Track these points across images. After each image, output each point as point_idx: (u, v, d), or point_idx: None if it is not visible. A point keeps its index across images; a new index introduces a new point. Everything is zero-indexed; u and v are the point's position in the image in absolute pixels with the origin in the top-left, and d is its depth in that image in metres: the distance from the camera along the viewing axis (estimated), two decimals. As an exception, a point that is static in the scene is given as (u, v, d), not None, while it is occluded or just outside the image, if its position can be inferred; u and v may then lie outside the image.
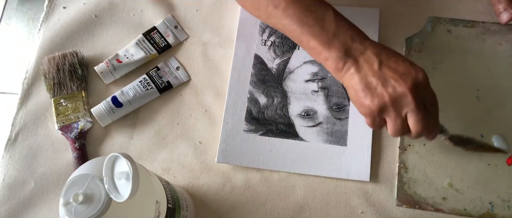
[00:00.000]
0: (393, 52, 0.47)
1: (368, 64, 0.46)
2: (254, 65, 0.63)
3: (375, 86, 0.45)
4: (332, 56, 0.47)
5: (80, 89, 0.62)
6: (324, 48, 0.47)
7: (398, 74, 0.45)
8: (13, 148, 0.61)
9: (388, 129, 0.48)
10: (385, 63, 0.45)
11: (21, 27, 1.53)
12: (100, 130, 0.62)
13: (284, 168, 0.58)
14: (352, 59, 0.46)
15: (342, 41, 0.47)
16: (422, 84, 0.45)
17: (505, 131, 0.58)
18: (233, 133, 0.60)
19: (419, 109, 0.45)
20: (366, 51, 0.46)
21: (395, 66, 0.45)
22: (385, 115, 0.46)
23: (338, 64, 0.47)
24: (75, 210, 0.35)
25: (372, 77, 0.45)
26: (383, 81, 0.45)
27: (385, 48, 0.47)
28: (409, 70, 0.45)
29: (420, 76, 0.45)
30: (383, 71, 0.45)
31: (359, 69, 0.46)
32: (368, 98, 0.46)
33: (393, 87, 0.45)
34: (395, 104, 0.45)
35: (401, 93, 0.44)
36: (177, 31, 0.66)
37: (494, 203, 0.55)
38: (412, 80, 0.44)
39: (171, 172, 0.59)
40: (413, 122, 0.46)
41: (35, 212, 0.57)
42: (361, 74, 0.46)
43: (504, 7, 0.60)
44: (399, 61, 0.46)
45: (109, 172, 0.37)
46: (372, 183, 0.57)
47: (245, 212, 0.57)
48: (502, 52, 0.62)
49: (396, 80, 0.44)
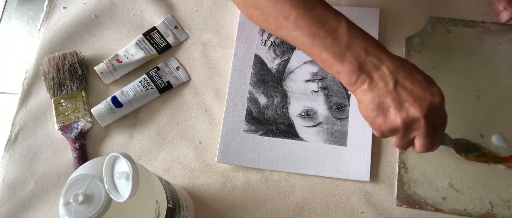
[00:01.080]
0: (411, 69, 0.44)
1: (382, 82, 0.43)
2: (254, 65, 0.63)
3: (388, 107, 0.43)
4: (345, 69, 0.44)
5: (80, 89, 0.62)
6: (337, 61, 0.45)
7: (413, 97, 0.43)
8: (13, 148, 0.61)
9: (392, 142, 0.47)
10: (401, 83, 0.43)
11: (21, 27, 1.54)
12: (100, 130, 0.62)
13: (284, 168, 0.58)
14: (366, 75, 0.44)
15: (356, 55, 0.44)
16: (436, 108, 0.43)
17: (505, 131, 0.58)
18: (233, 133, 0.60)
19: (428, 134, 0.44)
20: (381, 66, 0.44)
21: (411, 87, 0.43)
22: (394, 134, 0.45)
23: (351, 79, 0.45)
24: (75, 210, 0.35)
25: (386, 98, 0.43)
26: (397, 104, 0.43)
27: (403, 64, 0.44)
28: (425, 94, 0.43)
29: (436, 101, 0.43)
30: (398, 92, 0.43)
31: (373, 86, 0.44)
32: (380, 118, 0.44)
33: (406, 112, 0.43)
34: (406, 128, 0.44)
35: (414, 118, 0.43)
36: (177, 31, 0.66)
37: (494, 203, 0.55)
38: (428, 105, 0.42)
39: (171, 172, 0.59)
40: (420, 144, 0.45)
41: (35, 212, 0.57)
42: (374, 93, 0.44)
43: (504, 6, 0.60)
44: (416, 81, 0.43)
45: (109, 172, 0.37)
46: (372, 183, 0.57)
47: (245, 212, 0.57)
48: (502, 52, 0.62)
49: (410, 104, 0.42)
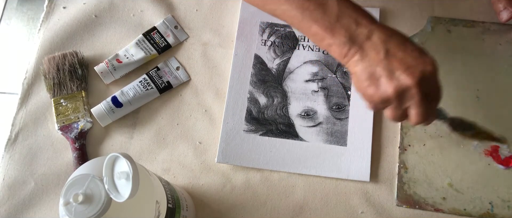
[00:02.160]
0: (402, 39, 0.44)
1: (374, 51, 0.43)
2: (254, 65, 0.63)
3: (379, 76, 0.43)
4: (336, 42, 0.44)
5: (80, 89, 0.62)
6: (327, 34, 0.44)
7: (405, 66, 0.42)
8: (13, 148, 0.61)
9: (386, 113, 0.46)
10: (392, 52, 0.42)
11: (21, 27, 1.53)
12: (100, 130, 0.62)
13: (284, 168, 0.58)
14: (357, 46, 0.43)
15: (346, 26, 0.44)
16: (429, 77, 0.42)
17: (505, 131, 0.58)
18: (233, 133, 0.60)
19: (422, 103, 0.43)
20: (372, 36, 0.43)
21: (403, 56, 0.42)
22: (386, 105, 0.45)
23: (342, 50, 0.44)
24: (75, 210, 0.35)
25: (377, 67, 0.43)
26: (389, 72, 0.42)
27: (394, 34, 0.44)
28: (417, 61, 0.42)
29: (428, 69, 0.42)
30: (389, 61, 0.42)
31: (364, 56, 0.43)
32: (372, 88, 0.43)
33: (398, 80, 0.42)
34: (399, 97, 0.43)
35: (406, 87, 0.42)
36: (177, 31, 0.66)
37: (494, 203, 0.55)
38: (420, 73, 0.42)
39: (171, 172, 0.59)
40: (414, 114, 0.44)
41: (35, 212, 0.57)
42: (366, 62, 0.43)
43: (504, 5, 0.60)
44: (408, 50, 0.43)
45: (109, 172, 0.37)
46: (372, 183, 0.57)
47: (245, 212, 0.57)
48: (502, 52, 0.62)
49: (402, 72, 0.42)
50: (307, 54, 0.63)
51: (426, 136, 0.58)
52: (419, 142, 0.58)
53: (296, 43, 0.64)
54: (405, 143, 0.58)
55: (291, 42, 0.64)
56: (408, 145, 0.58)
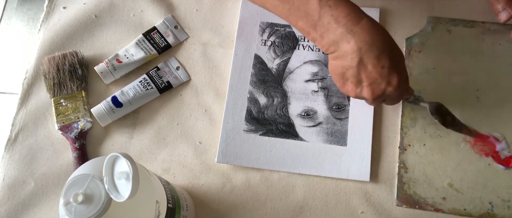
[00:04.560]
0: (380, 52, 0.45)
1: (349, 56, 0.45)
2: (254, 65, 0.63)
3: (347, 79, 0.47)
4: (318, 38, 0.47)
5: (80, 89, 0.62)
6: (312, 30, 0.47)
7: (370, 80, 0.46)
8: (13, 148, 0.61)
9: None
10: (365, 63, 0.45)
11: (21, 27, 1.53)
12: (100, 130, 0.62)
13: (284, 168, 0.58)
14: (335, 46, 0.46)
15: (326, 26, 0.46)
16: (389, 95, 0.48)
17: (505, 131, 0.58)
18: (233, 133, 0.60)
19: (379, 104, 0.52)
20: (352, 40, 0.45)
21: (372, 70, 0.45)
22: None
23: (323, 46, 0.47)
24: (75, 210, 0.35)
25: (348, 71, 0.46)
26: (356, 80, 0.47)
27: (374, 43, 0.44)
28: (382, 81, 0.46)
29: (389, 90, 0.46)
30: (359, 70, 0.46)
31: (340, 56, 0.46)
32: (338, 84, 0.49)
33: (360, 89, 0.47)
34: (358, 97, 0.49)
35: (365, 97, 0.48)
36: (177, 31, 0.66)
37: (494, 203, 0.55)
38: (380, 91, 0.47)
39: (171, 172, 0.59)
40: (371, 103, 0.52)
41: (35, 212, 0.57)
42: (339, 63, 0.47)
43: (503, 6, 0.60)
44: (378, 66, 0.45)
45: (109, 172, 0.37)
46: (372, 183, 0.57)
47: (245, 212, 0.57)
48: (502, 52, 0.62)
49: (366, 86, 0.47)
50: (307, 54, 0.63)
51: (426, 136, 0.58)
52: (419, 142, 0.58)
53: (296, 43, 0.64)
54: (405, 143, 0.58)
55: (291, 42, 0.64)
56: (408, 145, 0.58)
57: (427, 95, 0.60)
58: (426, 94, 0.60)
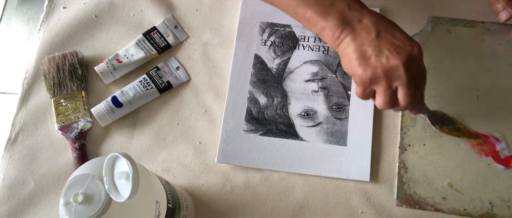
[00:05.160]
0: (391, 24, 0.46)
1: (365, 32, 0.45)
2: (254, 65, 0.63)
3: (370, 56, 0.45)
4: (329, 25, 0.46)
5: (80, 89, 0.62)
6: (321, 18, 0.46)
7: (393, 46, 0.44)
8: (13, 148, 0.61)
9: (376, 100, 0.48)
10: (382, 33, 0.45)
11: (21, 27, 1.53)
12: (100, 130, 0.62)
13: (284, 168, 0.58)
14: (349, 27, 0.46)
15: (339, 10, 0.46)
16: (415, 59, 0.45)
17: (505, 131, 0.58)
18: (233, 133, 0.60)
19: (409, 83, 0.45)
20: (364, 19, 0.46)
21: (392, 38, 0.45)
22: (375, 86, 0.46)
23: (334, 33, 0.46)
24: (75, 210, 0.35)
25: (368, 47, 0.45)
26: (378, 51, 0.44)
27: (384, 18, 0.47)
28: (405, 43, 0.45)
29: (415, 51, 0.45)
30: (379, 42, 0.45)
31: (356, 37, 0.45)
32: (361, 68, 0.45)
33: (387, 59, 0.44)
34: (387, 76, 0.45)
35: (394, 65, 0.44)
36: (177, 31, 0.66)
37: (494, 203, 0.55)
38: (407, 53, 0.44)
39: (171, 172, 0.59)
40: (403, 95, 0.46)
41: (35, 212, 0.57)
42: (357, 43, 0.45)
43: (503, 6, 0.60)
44: (396, 33, 0.45)
45: (109, 172, 0.37)
46: (372, 183, 0.57)
47: (245, 212, 0.57)
48: (502, 52, 0.62)
49: (390, 52, 0.44)
50: (307, 54, 0.63)
51: (426, 136, 0.58)
52: (419, 142, 0.58)
53: (296, 43, 0.64)
54: (405, 143, 0.58)
55: (291, 42, 0.64)
56: (408, 145, 0.58)
57: (427, 95, 0.60)
58: (426, 94, 0.60)
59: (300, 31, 0.64)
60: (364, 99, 0.49)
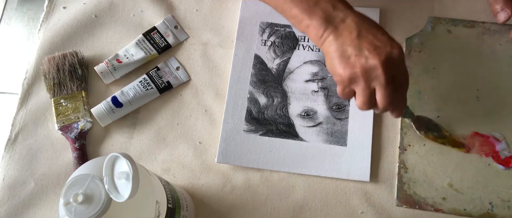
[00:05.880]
0: (374, 25, 0.47)
1: (347, 32, 0.46)
2: (254, 65, 0.63)
3: (350, 55, 0.45)
4: (313, 23, 0.47)
5: (80, 89, 0.62)
6: (306, 16, 0.47)
7: (373, 46, 0.45)
8: (13, 148, 0.61)
9: (356, 100, 0.48)
10: (364, 33, 0.45)
11: (21, 27, 1.53)
12: (100, 130, 0.62)
13: (284, 168, 0.58)
14: (332, 27, 0.46)
15: (324, 9, 0.47)
16: (395, 60, 0.45)
17: (505, 131, 0.58)
18: (233, 133, 0.60)
19: (387, 84, 0.45)
20: (347, 19, 0.46)
21: (373, 38, 0.45)
22: (354, 86, 0.47)
23: (318, 31, 0.47)
24: (75, 210, 0.35)
25: (348, 46, 0.45)
26: (358, 51, 0.45)
27: (367, 19, 0.47)
28: (385, 43, 0.45)
29: (395, 52, 0.45)
30: (360, 41, 0.45)
31: (338, 36, 0.46)
32: (341, 67, 0.46)
33: (366, 58, 0.44)
34: (365, 76, 0.45)
35: (373, 65, 0.44)
36: (177, 31, 0.66)
37: (494, 203, 0.55)
38: (386, 54, 0.44)
39: (171, 172, 0.59)
40: (380, 96, 0.46)
41: (35, 212, 0.57)
42: (339, 42, 0.46)
43: (501, 6, 0.60)
44: (378, 34, 0.46)
45: (109, 172, 0.37)
46: (372, 183, 0.57)
47: (245, 212, 0.57)
48: (502, 52, 0.62)
49: (370, 52, 0.44)
50: (307, 54, 0.63)
51: (426, 136, 0.58)
52: (419, 142, 0.58)
53: (296, 43, 0.64)
54: (405, 143, 0.58)
55: (291, 42, 0.64)
56: (408, 145, 0.58)
57: (427, 95, 0.60)
58: (426, 94, 0.60)
59: (300, 32, 0.64)
60: (344, 98, 0.50)
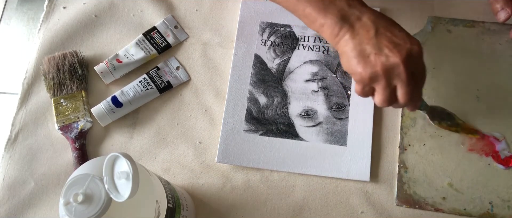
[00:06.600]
0: (391, 22, 0.46)
1: (364, 30, 0.45)
2: (254, 65, 0.63)
3: (369, 54, 0.44)
4: (328, 22, 0.46)
5: (80, 89, 0.62)
6: (320, 15, 0.46)
7: (393, 44, 0.44)
8: (13, 148, 0.61)
9: (375, 98, 0.48)
10: (382, 31, 0.45)
11: (21, 27, 1.54)
12: (100, 130, 0.62)
13: (284, 168, 0.58)
14: (348, 25, 0.45)
15: (339, 7, 0.46)
16: (415, 57, 0.44)
17: (505, 131, 0.58)
18: (233, 133, 0.60)
19: (409, 81, 0.45)
20: (363, 17, 0.46)
21: (391, 35, 0.45)
22: (375, 84, 0.46)
23: (333, 30, 0.46)
24: (75, 210, 0.35)
25: (367, 45, 0.45)
26: (377, 49, 0.44)
27: (383, 16, 0.46)
28: (404, 40, 0.44)
29: (415, 48, 0.44)
30: (379, 39, 0.44)
31: (354, 35, 0.45)
32: (361, 66, 0.45)
33: (386, 57, 0.44)
34: (387, 74, 0.44)
35: (394, 63, 0.44)
36: (177, 31, 0.66)
37: (494, 203, 0.55)
38: (407, 51, 0.44)
39: (171, 172, 0.59)
40: (402, 93, 0.46)
41: (35, 212, 0.57)
42: (356, 41, 0.45)
43: (502, 6, 0.60)
44: (395, 31, 0.45)
45: (109, 172, 0.37)
46: (372, 183, 0.57)
47: (245, 212, 0.57)
48: (502, 52, 0.62)
49: (390, 50, 0.44)
50: (307, 54, 0.63)
51: (426, 136, 0.58)
52: (419, 142, 0.58)
53: (296, 43, 0.64)
54: (405, 143, 0.58)
55: (291, 42, 0.64)
56: (408, 144, 0.58)
57: (427, 95, 0.60)
58: (426, 94, 0.60)
59: (300, 31, 0.64)
60: (363, 97, 0.49)
